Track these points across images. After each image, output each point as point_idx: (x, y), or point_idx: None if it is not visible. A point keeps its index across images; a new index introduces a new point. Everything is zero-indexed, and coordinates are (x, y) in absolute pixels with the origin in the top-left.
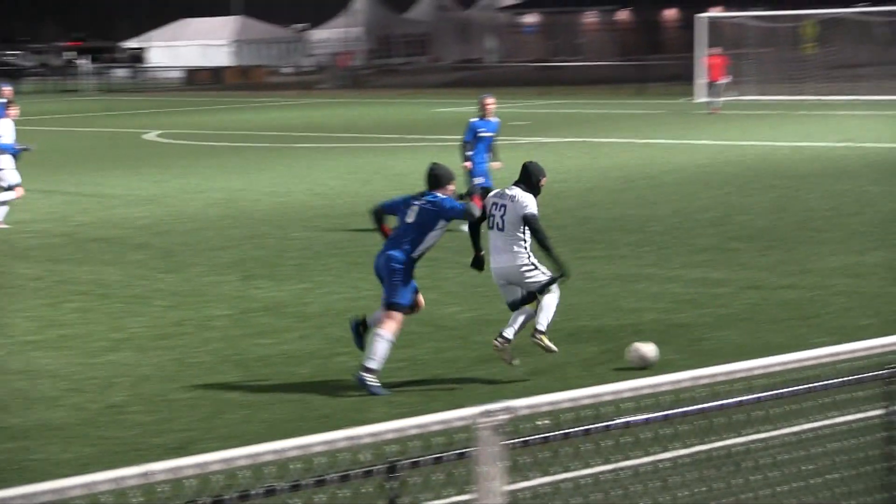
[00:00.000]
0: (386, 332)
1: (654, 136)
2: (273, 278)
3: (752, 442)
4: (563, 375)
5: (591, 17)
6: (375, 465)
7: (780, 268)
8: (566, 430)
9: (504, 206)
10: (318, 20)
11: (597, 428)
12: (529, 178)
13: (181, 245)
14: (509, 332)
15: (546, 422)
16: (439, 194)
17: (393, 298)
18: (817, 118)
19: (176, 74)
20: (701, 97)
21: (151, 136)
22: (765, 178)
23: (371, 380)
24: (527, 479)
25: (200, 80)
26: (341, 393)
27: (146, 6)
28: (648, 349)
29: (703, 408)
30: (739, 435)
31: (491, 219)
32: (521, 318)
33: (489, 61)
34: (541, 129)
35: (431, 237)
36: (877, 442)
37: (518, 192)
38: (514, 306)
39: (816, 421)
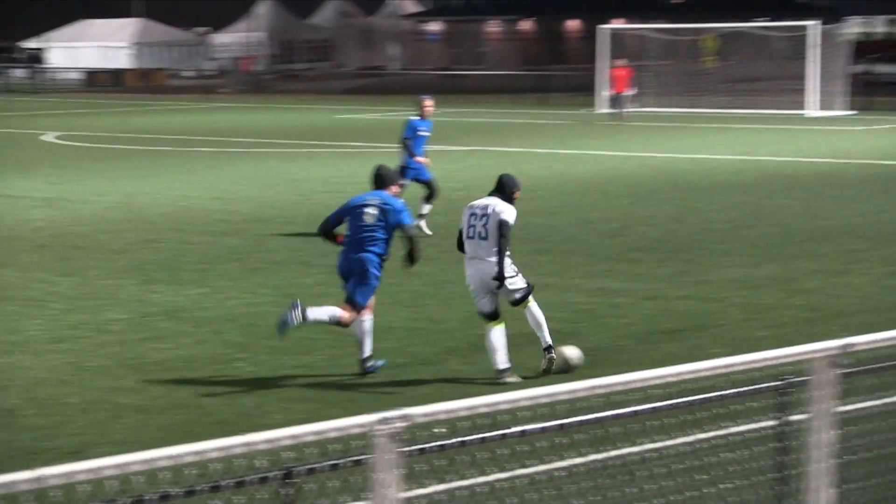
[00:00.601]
0: (337, 312)
1: (556, 147)
2: (172, 282)
3: (647, 451)
4: (463, 383)
5: (494, 27)
6: (271, 472)
7: (677, 279)
8: (463, 438)
9: (486, 215)
10: (220, 24)
11: (493, 436)
12: (504, 190)
13: (78, 248)
14: (546, 339)
15: (443, 430)
16: (387, 194)
17: (357, 297)
18: (716, 131)
19: (75, 76)
20: (602, 108)
21: (49, 137)
22: (664, 190)
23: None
24: (423, 486)
25: (100, 82)
26: (238, 398)
27: (46, 6)
28: (572, 352)
29: (600, 417)
30: (635, 444)
31: (471, 229)
32: (544, 326)
33: (392, 68)
34: (443, 137)
35: (392, 236)
36: (769, 452)
37: (498, 202)
38: (490, 317)
39: (711, 431)
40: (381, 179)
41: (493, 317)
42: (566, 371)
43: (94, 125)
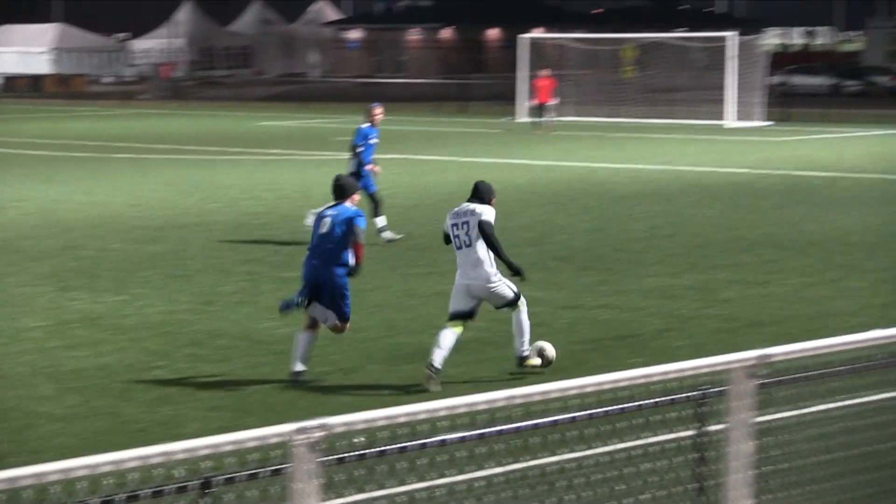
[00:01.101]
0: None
1: (476, 155)
2: (90, 290)
3: (567, 461)
4: (381, 392)
5: (414, 35)
6: (190, 481)
7: (597, 288)
8: (382, 448)
9: (467, 222)
10: (139, 30)
11: (412, 446)
12: (482, 197)
13: None
14: (523, 350)
15: (362, 439)
16: (348, 205)
17: (345, 311)
18: (636, 140)
19: None
20: (523, 117)
21: None
22: (584, 199)
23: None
24: (342, 496)
25: (19, 87)
26: (156, 407)
27: None
28: (546, 347)
29: (519, 427)
30: (554, 454)
31: (456, 239)
32: (520, 327)
33: (312, 76)
34: None
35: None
36: (688, 462)
37: (477, 206)
38: (455, 317)
39: (630, 441)
40: (341, 190)
41: (458, 317)
42: (545, 364)
43: (13, 131)
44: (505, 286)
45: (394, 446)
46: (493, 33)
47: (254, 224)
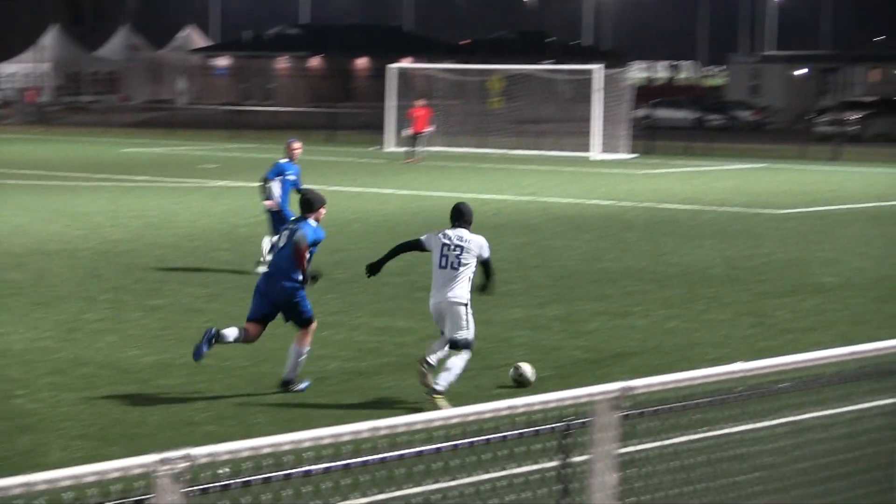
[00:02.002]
0: (301, 347)
1: (343, 184)
2: None
3: (432, 492)
4: (247, 422)
5: (283, 63)
6: None
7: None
8: (246, 479)
9: (460, 247)
10: (4, 54)
11: (277, 476)
12: (468, 220)
13: None
14: (440, 385)
15: (226, 470)
16: (310, 219)
17: (304, 316)
18: (502, 171)
19: None
20: (391, 146)
21: None
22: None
23: (295, 387)
24: None
25: None
26: (16, 437)
27: None
28: (526, 368)
29: (384, 457)
30: (420, 485)
31: (443, 258)
32: (449, 364)
33: (180, 102)
34: (231, 172)
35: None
36: (552, 494)
37: (472, 236)
38: (451, 345)
39: (494, 472)
40: (308, 204)
41: (453, 345)
42: (523, 385)
43: None
44: (468, 324)
45: (258, 477)
46: (362, 62)
47: (119, 251)
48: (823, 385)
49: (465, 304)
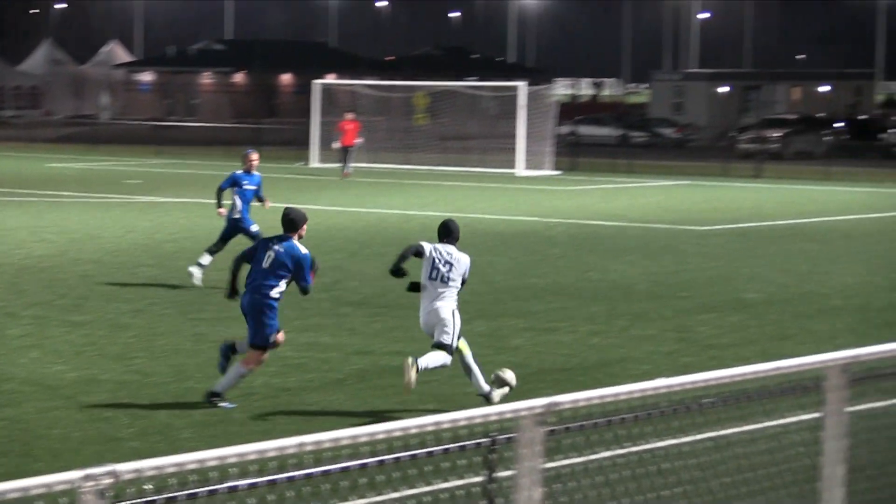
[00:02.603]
0: (244, 367)
1: (270, 200)
2: None
3: None
4: (172, 438)
5: (206, 79)
6: None
7: (388, 334)
8: (170, 495)
9: (450, 263)
10: None
11: (202, 492)
12: (457, 236)
13: None
14: (483, 389)
15: (150, 486)
16: (294, 239)
17: (256, 339)
18: (427, 187)
19: None
20: (316, 162)
21: None
22: (375, 245)
23: (219, 402)
24: None
25: None
26: None
27: None
28: (507, 375)
29: (309, 473)
30: (346, 500)
31: (434, 271)
32: (476, 372)
33: (103, 118)
34: (154, 188)
35: (285, 280)
36: None
37: (461, 255)
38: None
39: (420, 488)
40: (290, 223)
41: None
42: (502, 387)
43: None
44: (452, 334)
45: (183, 492)
46: (286, 78)
47: (42, 266)
48: (747, 400)
49: (451, 314)
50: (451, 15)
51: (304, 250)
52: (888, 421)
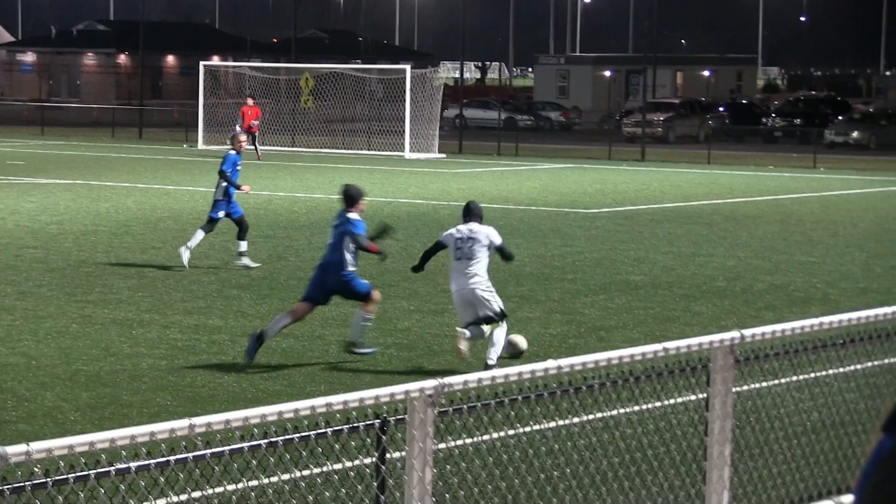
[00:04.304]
0: (368, 312)
1: (154, 182)
2: None
3: (252, 488)
4: (61, 420)
5: (90, 60)
6: None
7: (276, 315)
8: (60, 477)
9: (472, 238)
10: None
11: (92, 475)
12: (479, 214)
13: None
14: (493, 357)
15: (37, 469)
16: (352, 214)
17: (363, 291)
18: (315, 170)
19: None
20: (202, 144)
21: None
22: (263, 228)
23: (360, 350)
24: None
25: None
26: None
27: None
28: (519, 339)
29: (201, 454)
30: (237, 482)
31: (458, 251)
32: (494, 340)
33: None
34: (37, 169)
35: (351, 250)
36: (369, 490)
37: (482, 227)
38: (469, 325)
39: (312, 469)
40: (349, 198)
41: (476, 323)
42: (516, 356)
43: None
44: (496, 302)
45: (72, 475)
46: (171, 60)
47: None
48: (635, 381)
49: (486, 288)
50: None
51: (359, 226)
52: (772, 401)
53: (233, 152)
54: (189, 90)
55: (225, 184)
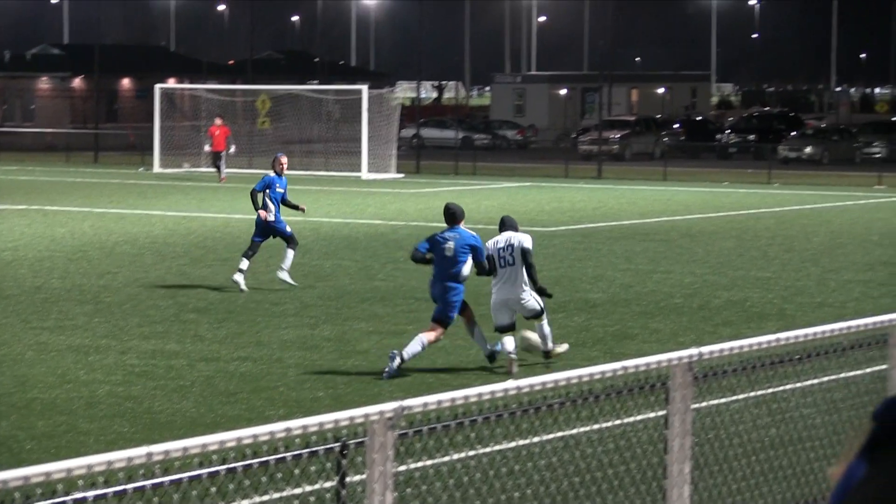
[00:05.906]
0: (426, 338)
1: (110, 206)
2: None
3: None
4: (16, 450)
5: (45, 84)
6: None
7: (234, 340)
8: None
9: (510, 245)
10: None
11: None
12: (515, 227)
13: None
14: (549, 347)
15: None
16: (463, 228)
17: (442, 316)
18: None
19: None
20: (158, 167)
21: None
22: (219, 251)
23: (397, 363)
24: None
25: None
26: None
27: None
28: (531, 335)
29: (159, 482)
30: None
31: (502, 259)
32: (543, 334)
33: None
34: None
35: (469, 263)
36: None
37: (516, 235)
38: (503, 329)
39: (271, 494)
40: (452, 216)
41: (509, 329)
42: (530, 350)
43: None
44: (534, 301)
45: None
46: (127, 83)
47: None
48: (594, 400)
49: (524, 291)
50: (292, 19)
51: (474, 233)
52: (730, 417)
53: (272, 174)
54: (145, 113)
55: (271, 203)
